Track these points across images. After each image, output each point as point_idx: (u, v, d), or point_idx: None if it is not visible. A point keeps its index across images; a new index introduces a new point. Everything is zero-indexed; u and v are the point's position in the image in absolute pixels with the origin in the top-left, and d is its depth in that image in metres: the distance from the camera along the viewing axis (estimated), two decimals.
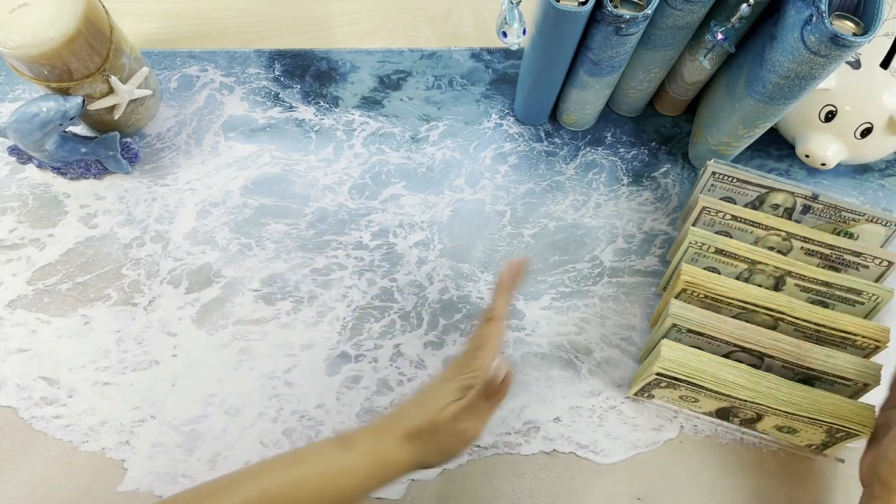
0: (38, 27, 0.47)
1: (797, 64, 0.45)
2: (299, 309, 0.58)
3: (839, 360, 0.50)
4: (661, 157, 0.65)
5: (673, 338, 0.51)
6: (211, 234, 0.60)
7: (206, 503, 0.39)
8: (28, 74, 0.51)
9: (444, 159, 0.64)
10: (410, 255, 0.60)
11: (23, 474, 0.52)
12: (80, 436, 0.54)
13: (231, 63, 0.66)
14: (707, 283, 0.51)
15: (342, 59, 0.67)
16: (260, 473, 0.41)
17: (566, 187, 0.63)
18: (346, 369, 0.56)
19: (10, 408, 0.54)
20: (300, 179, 0.62)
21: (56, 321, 0.57)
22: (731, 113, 0.55)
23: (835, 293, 0.53)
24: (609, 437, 0.55)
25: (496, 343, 0.45)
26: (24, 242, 0.59)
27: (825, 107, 0.55)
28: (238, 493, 0.39)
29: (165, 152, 0.62)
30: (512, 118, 0.65)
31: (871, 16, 0.43)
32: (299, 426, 0.55)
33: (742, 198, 0.56)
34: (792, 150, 0.60)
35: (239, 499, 0.39)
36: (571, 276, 0.60)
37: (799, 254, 0.55)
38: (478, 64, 0.67)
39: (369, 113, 0.65)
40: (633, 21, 0.47)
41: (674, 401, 0.54)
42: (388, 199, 0.62)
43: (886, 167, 0.66)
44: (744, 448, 0.55)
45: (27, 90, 0.63)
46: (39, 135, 0.53)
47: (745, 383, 0.49)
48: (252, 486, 0.40)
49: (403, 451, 0.42)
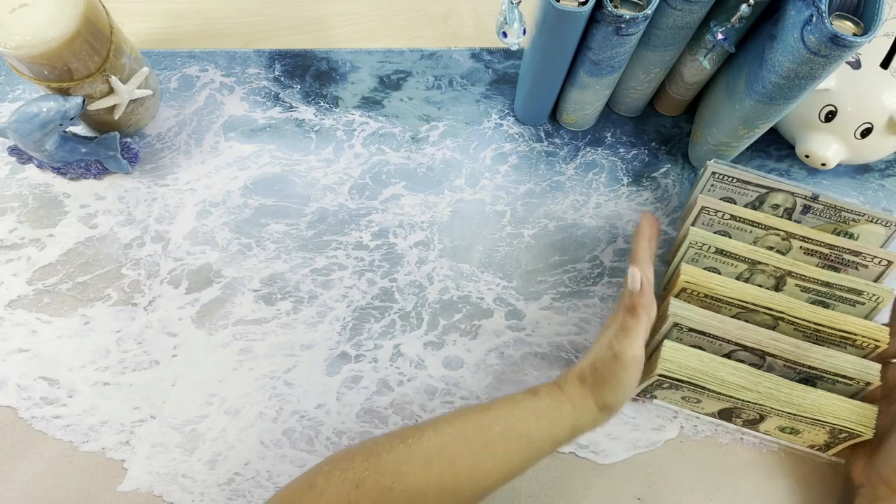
0: (38, 27, 0.47)
1: (797, 64, 0.45)
2: (299, 309, 0.58)
3: (839, 359, 0.50)
4: (661, 157, 0.65)
5: (674, 337, 0.51)
6: (211, 234, 0.60)
7: (409, 440, 0.44)
8: (28, 74, 0.51)
9: (444, 159, 0.64)
10: (410, 255, 0.60)
11: (23, 474, 0.52)
12: (80, 436, 0.54)
13: (231, 63, 0.66)
14: (707, 283, 0.51)
15: (342, 59, 0.67)
16: (455, 417, 0.46)
17: (566, 187, 0.63)
18: (346, 369, 0.56)
19: (10, 408, 0.54)
20: (300, 179, 0.62)
21: (56, 321, 0.57)
22: (731, 113, 0.55)
23: (835, 293, 0.53)
24: (609, 437, 0.55)
25: (645, 285, 0.48)
26: (24, 242, 0.59)
27: (825, 107, 0.55)
28: (436, 434, 0.44)
29: (165, 152, 0.62)
30: (512, 118, 0.65)
31: (871, 16, 0.43)
32: (299, 426, 0.55)
33: (742, 198, 0.56)
34: (792, 150, 0.60)
35: (437, 439, 0.44)
36: (571, 276, 0.60)
37: (798, 253, 0.55)
38: (478, 64, 0.67)
39: (369, 113, 0.65)
40: (633, 21, 0.47)
41: (676, 402, 0.54)
42: (388, 200, 0.62)
43: (886, 167, 0.66)
44: (744, 448, 0.55)
45: (27, 90, 0.63)
46: (39, 135, 0.53)
47: (746, 384, 0.49)
48: (447, 428, 0.45)
49: (580, 392, 0.47)
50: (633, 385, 0.47)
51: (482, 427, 0.45)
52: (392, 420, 0.55)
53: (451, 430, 0.45)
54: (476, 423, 0.45)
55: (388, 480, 0.42)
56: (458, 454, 0.44)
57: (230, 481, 0.53)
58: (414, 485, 0.42)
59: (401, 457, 0.43)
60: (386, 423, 0.55)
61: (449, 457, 0.43)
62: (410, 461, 0.43)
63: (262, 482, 0.53)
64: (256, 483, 0.53)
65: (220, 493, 0.53)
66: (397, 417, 0.55)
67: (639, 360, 0.46)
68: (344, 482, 0.42)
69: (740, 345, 0.50)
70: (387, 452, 0.43)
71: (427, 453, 0.43)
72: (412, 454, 0.43)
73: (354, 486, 0.42)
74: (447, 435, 0.44)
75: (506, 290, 0.59)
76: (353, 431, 0.55)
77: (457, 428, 0.45)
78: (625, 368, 0.46)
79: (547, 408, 0.46)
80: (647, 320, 0.47)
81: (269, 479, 0.53)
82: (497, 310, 0.59)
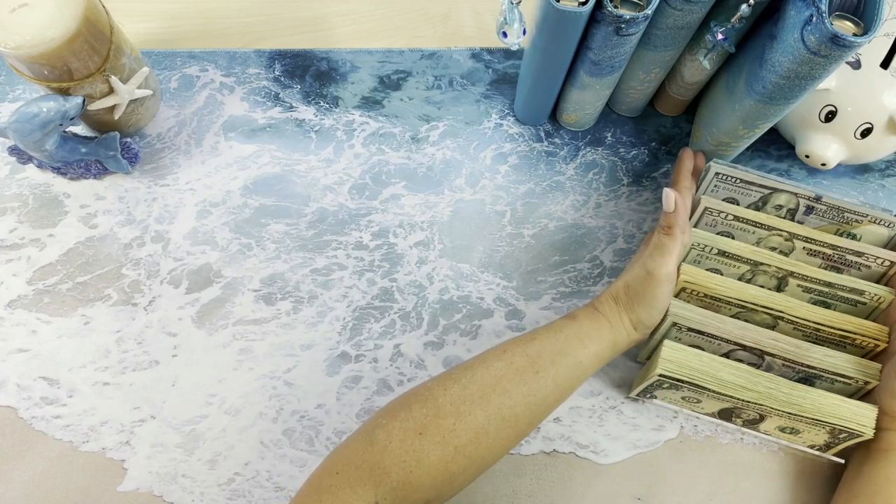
0: (38, 27, 0.47)
1: (797, 64, 0.45)
2: (299, 309, 0.58)
3: (838, 359, 0.50)
4: (661, 157, 0.65)
5: (673, 337, 0.51)
6: (211, 234, 0.60)
7: (462, 380, 0.45)
8: (28, 74, 0.51)
9: (444, 159, 0.63)
10: (410, 255, 0.60)
11: (23, 474, 0.52)
12: (80, 436, 0.54)
13: (231, 63, 0.66)
14: (706, 283, 0.51)
15: (342, 59, 0.67)
16: (502, 351, 0.47)
17: (566, 187, 0.63)
18: (346, 369, 0.56)
19: (10, 408, 0.54)
20: (300, 179, 0.62)
21: (56, 321, 0.57)
22: (731, 113, 0.55)
23: (837, 293, 0.52)
24: (609, 437, 0.55)
25: (680, 206, 0.50)
26: (24, 242, 0.59)
27: (825, 107, 0.55)
28: (487, 370, 0.46)
29: (165, 152, 0.62)
30: (512, 118, 0.65)
31: (871, 16, 0.43)
32: (299, 426, 0.55)
33: (745, 198, 0.56)
34: (792, 150, 0.60)
35: (489, 374, 0.46)
36: (571, 276, 0.60)
37: (801, 254, 0.55)
38: (478, 64, 0.67)
39: (369, 113, 0.65)
40: (633, 21, 0.47)
41: (676, 402, 0.54)
42: (388, 200, 0.62)
43: (886, 167, 0.66)
44: (744, 448, 0.55)
45: (27, 90, 0.63)
46: (39, 135, 0.53)
47: (746, 384, 0.49)
48: (497, 363, 0.46)
49: (615, 310, 0.50)
50: (665, 301, 0.50)
51: (530, 356, 0.47)
52: None
53: (500, 364, 0.46)
54: (524, 354, 0.47)
55: (450, 422, 0.43)
56: (511, 385, 0.45)
57: (230, 481, 0.53)
58: (475, 422, 0.44)
59: (457, 397, 0.44)
60: None
61: (504, 389, 0.45)
62: (467, 399, 0.44)
63: (262, 482, 0.53)
64: (256, 483, 0.53)
65: (220, 493, 0.53)
66: None
67: (671, 276, 0.49)
68: (406, 432, 0.43)
69: (739, 344, 0.50)
70: (442, 395, 0.44)
71: (482, 389, 0.45)
72: (468, 393, 0.44)
73: (418, 433, 0.43)
74: (498, 369, 0.46)
75: (506, 290, 0.59)
76: (352, 431, 0.54)
77: (506, 361, 0.46)
78: (658, 285, 0.49)
79: (589, 329, 0.49)
80: (682, 240, 0.49)
81: (269, 479, 0.53)
82: (497, 310, 0.59)
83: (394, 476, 0.41)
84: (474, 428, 0.43)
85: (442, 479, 0.43)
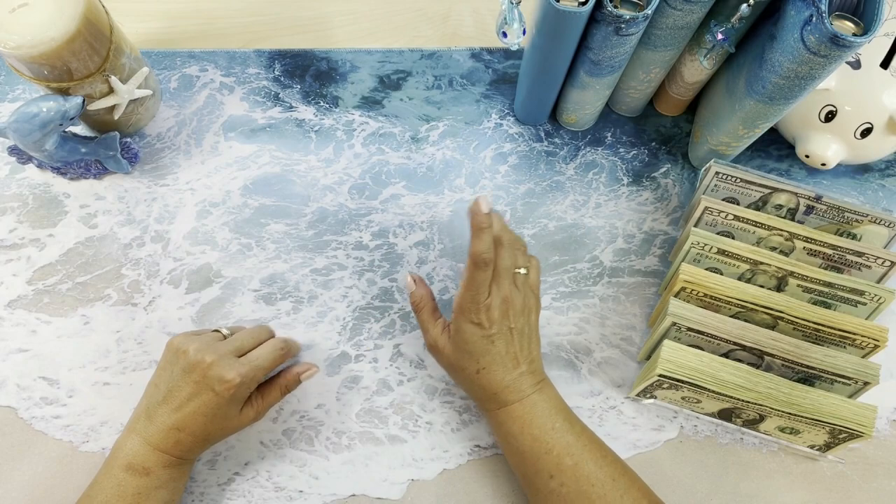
0: (38, 27, 0.47)
1: (797, 64, 0.45)
2: (299, 309, 0.58)
3: (838, 359, 0.50)
4: (661, 157, 0.65)
5: (672, 337, 0.51)
6: (211, 234, 0.60)
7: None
8: (28, 74, 0.51)
9: (444, 159, 0.63)
10: (410, 255, 0.60)
11: (23, 474, 0.52)
12: (80, 436, 0.54)
13: (231, 63, 0.66)
14: (706, 283, 0.51)
15: (342, 59, 0.67)
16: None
17: (566, 187, 0.63)
18: (346, 369, 0.56)
19: (10, 408, 0.54)
20: (300, 179, 0.62)
21: (56, 321, 0.57)
22: (731, 113, 0.55)
23: (837, 294, 0.52)
24: (609, 437, 0.55)
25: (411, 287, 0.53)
26: (24, 242, 0.59)
27: (825, 107, 0.55)
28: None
29: (165, 152, 0.62)
30: (512, 118, 0.65)
31: (871, 16, 0.43)
32: (299, 426, 0.55)
33: (745, 198, 0.56)
34: (792, 150, 0.60)
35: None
36: (571, 276, 0.60)
37: (801, 254, 0.55)
38: (478, 64, 0.67)
39: (369, 113, 0.65)
40: (633, 21, 0.47)
41: (676, 402, 0.54)
42: (388, 199, 0.62)
43: (886, 167, 0.66)
44: (744, 448, 0.55)
45: (27, 90, 0.63)
46: (39, 135, 0.53)
47: (746, 384, 0.49)
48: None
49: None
50: (448, 370, 0.52)
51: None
52: (392, 420, 0.55)
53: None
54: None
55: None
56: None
57: (230, 481, 0.53)
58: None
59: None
60: (386, 423, 0.55)
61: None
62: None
63: (262, 482, 0.53)
64: (256, 483, 0.53)
65: (220, 493, 0.53)
66: (397, 417, 0.55)
67: (434, 346, 0.51)
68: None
69: (739, 344, 0.50)
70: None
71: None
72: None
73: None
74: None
75: None
76: (352, 431, 0.55)
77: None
78: (434, 355, 0.52)
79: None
80: (426, 312, 0.52)
81: (269, 479, 0.53)
82: None
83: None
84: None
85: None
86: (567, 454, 0.47)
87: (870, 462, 0.55)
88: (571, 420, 0.49)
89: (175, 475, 0.48)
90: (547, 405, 0.49)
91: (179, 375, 0.47)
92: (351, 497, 0.53)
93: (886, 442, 0.56)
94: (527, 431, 0.48)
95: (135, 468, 0.46)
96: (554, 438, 0.47)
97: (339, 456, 0.54)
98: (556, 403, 0.49)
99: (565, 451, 0.47)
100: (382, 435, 0.55)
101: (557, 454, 0.47)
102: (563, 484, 0.46)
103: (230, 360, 0.47)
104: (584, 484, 0.46)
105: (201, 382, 0.46)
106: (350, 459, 0.54)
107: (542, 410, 0.48)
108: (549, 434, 0.47)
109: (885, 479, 0.55)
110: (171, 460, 0.47)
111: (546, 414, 0.48)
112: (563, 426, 0.48)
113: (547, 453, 0.47)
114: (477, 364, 0.48)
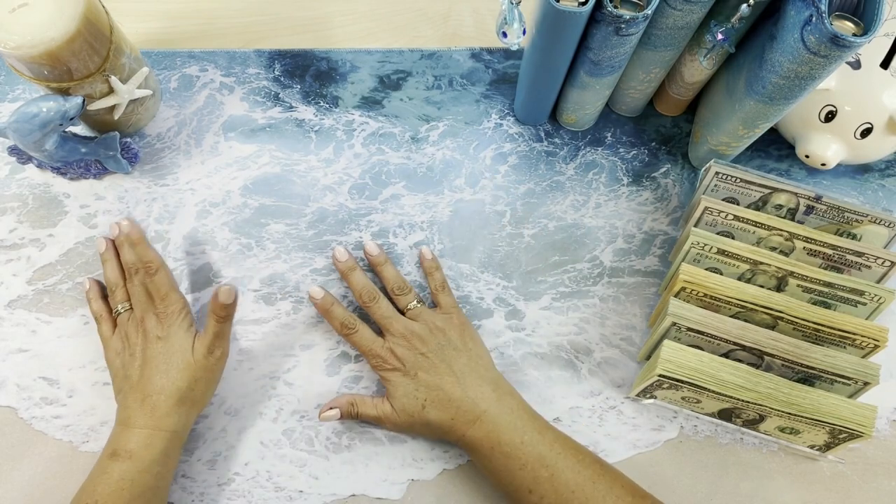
0: (38, 27, 0.47)
1: (797, 64, 0.45)
2: (299, 309, 0.58)
3: (838, 359, 0.50)
4: (661, 157, 0.65)
5: (672, 337, 0.51)
6: (211, 234, 0.60)
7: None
8: (28, 74, 0.51)
9: (444, 159, 0.63)
10: (410, 256, 0.60)
11: (23, 474, 0.52)
12: (80, 436, 0.54)
13: (231, 63, 0.66)
14: (706, 283, 0.51)
15: (342, 59, 0.67)
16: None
17: (566, 187, 0.63)
18: (346, 369, 0.56)
19: (10, 408, 0.54)
20: (300, 179, 0.62)
21: (56, 321, 0.57)
22: (731, 113, 0.55)
23: (837, 294, 0.52)
24: (609, 437, 0.55)
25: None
26: (24, 242, 0.59)
27: (825, 107, 0.55)
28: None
29: (165, 152, 0.62)
30: (512, 118, 0.65)
31: (871, 16, 0.43)
32: (299, 426, 0.55)
33: (745, 198, 0.56)
34: (792, 150, 0.60)
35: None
36: (571, 276, 0.60)
37: (801, 254, 0.55)
38: (478, 64, 0.67)
39: (369, 113, 0.65)
40: (632, 21, 0.47)
41: (676, 402, 0.54)
42: (388, 200, 0.62)
43: (886, 167, 0.66)
44: (744, 448, 0.55)
45: (27, 90, 0.63)
46: (39, 135, 0.53)
47: (746, 384, 0.49)
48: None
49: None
50: (406, 428, 0.52)
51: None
52: None
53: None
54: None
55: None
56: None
57: (230, 481, 0.53)
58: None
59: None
60: None
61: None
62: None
63: (262, 482, 0.53)
64: (256, 483, 0.53)
65: (220, 493, 0.53)
66: None
67: (383, 418, 0.52)
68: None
69: (739, 344, 0.50)
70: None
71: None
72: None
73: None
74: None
75: (506, 290, 0.59)
76: (352, 431, 0.55)
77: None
78: (390, 426, 0.53)
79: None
80: (359, 407, 0.53)
81: (269, 479, 0.53)
82: (497, 310, 0.59)
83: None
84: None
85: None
86: (542, 466, 0.46)
87: (870, 462, 0.55)
88: (541, 429, 0.49)
89: (158, 458, 0.47)
90: (510, 418, 0.49)
91: (122, 347, 0.52)
92: (351, 497, 0.53)
93: (886, 442, 0.56)
94: (497, 450, 0.48)
95: (118, 454, 0.47)
96: (525, 453, 0.47)
97: (339, 456, 0.54)
98: (520, 414, 0.49)
99: (539, 464, 0.47)
100: (382, 435, 0.55)
101: (532, 468, 0.46)
102: (542, 497, 0.46)
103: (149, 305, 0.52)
104: (564, 492, 0.46)
105: (142, 337, 0.51)
106: (350, 459, 0.54)
107: (507, 425, 0.48)
108: (519, 449, 0.47)
109: (885, 479, 0.55)
110: (151, 434, 0.47)
111: (511, 429, 0.48)
112: (531, 438, 0.48)
113: (521, 469, 0.47)
114: (417, 402, 0.50)
